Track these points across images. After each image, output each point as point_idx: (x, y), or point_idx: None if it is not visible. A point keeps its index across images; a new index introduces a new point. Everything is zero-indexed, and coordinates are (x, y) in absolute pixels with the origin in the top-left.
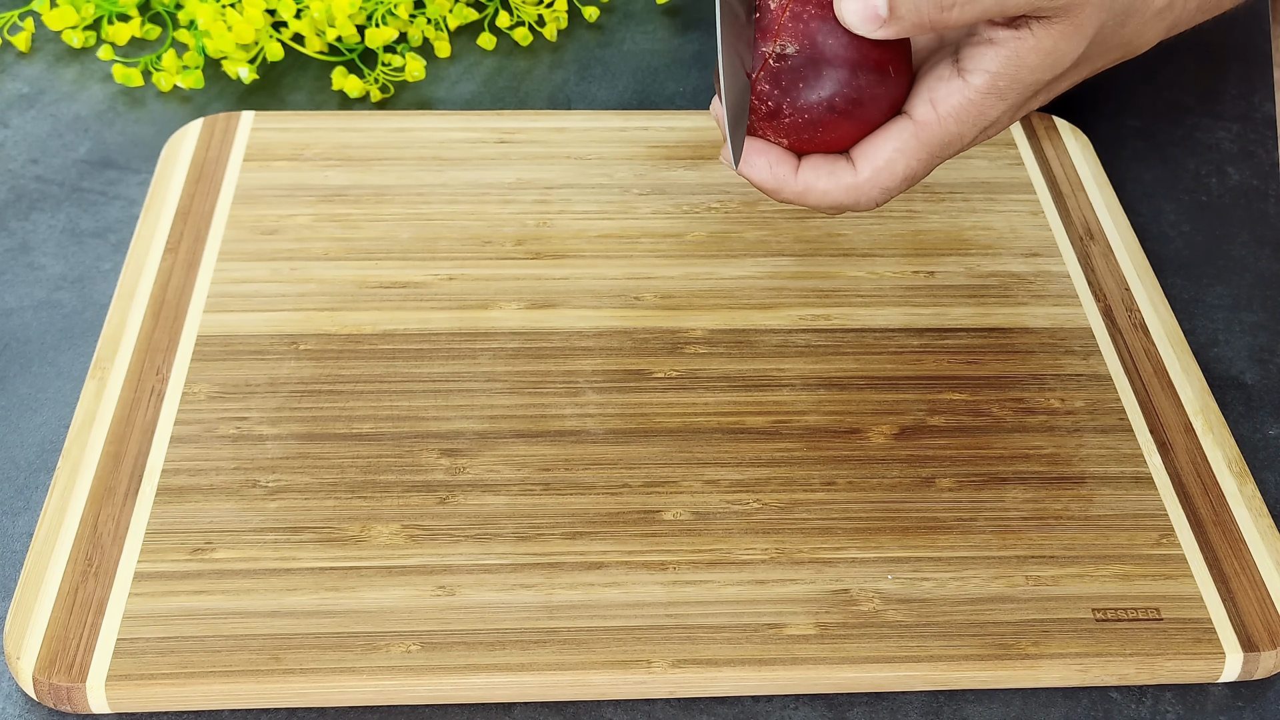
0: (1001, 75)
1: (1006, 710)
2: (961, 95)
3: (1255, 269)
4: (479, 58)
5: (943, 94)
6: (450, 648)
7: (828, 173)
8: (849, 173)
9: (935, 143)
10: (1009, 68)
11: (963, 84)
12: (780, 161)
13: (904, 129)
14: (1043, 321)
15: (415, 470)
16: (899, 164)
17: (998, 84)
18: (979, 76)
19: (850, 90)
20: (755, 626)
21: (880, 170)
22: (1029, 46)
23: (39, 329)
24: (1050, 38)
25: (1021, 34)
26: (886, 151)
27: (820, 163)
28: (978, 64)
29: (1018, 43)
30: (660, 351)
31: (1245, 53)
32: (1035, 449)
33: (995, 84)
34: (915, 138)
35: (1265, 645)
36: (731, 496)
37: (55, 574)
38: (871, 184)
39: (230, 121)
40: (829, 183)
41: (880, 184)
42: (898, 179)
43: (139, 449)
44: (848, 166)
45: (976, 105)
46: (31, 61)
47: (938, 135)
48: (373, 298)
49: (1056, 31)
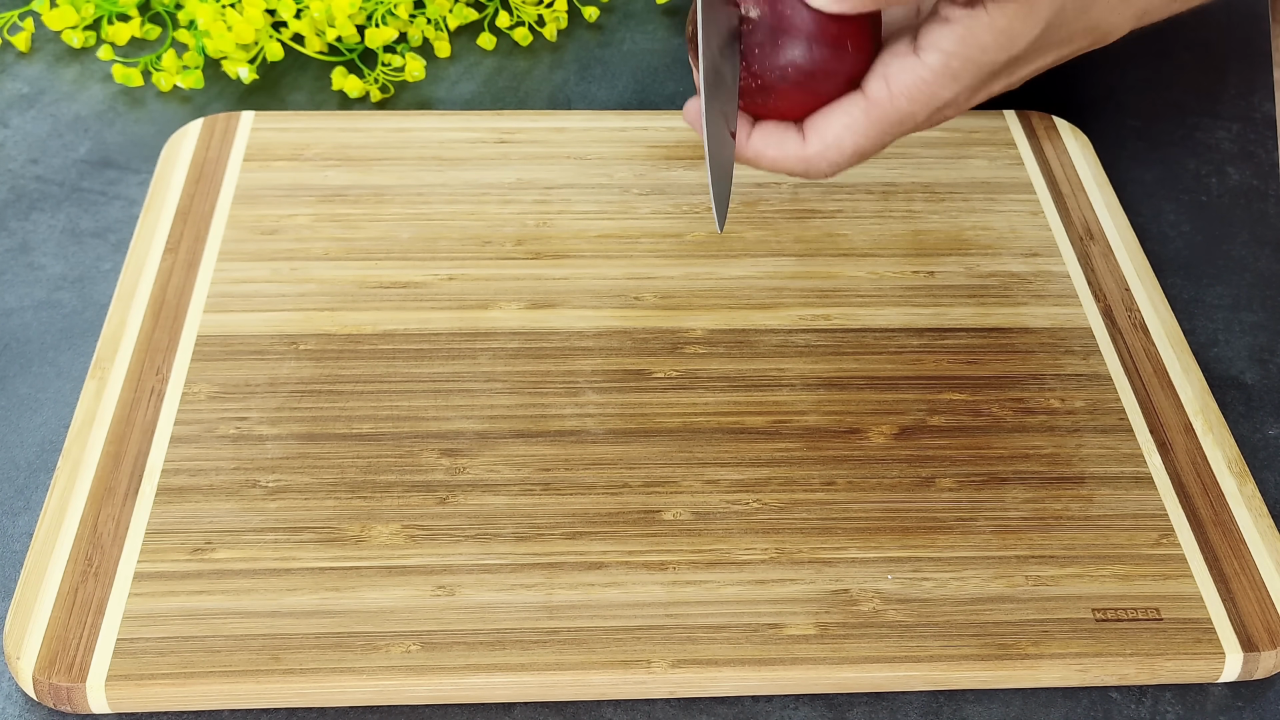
0: (955, 55)
1: (1006, 710)
2: (914, 74)
3: (1255, 269)
4: (479, 58)
5: (896, 71)
6: (450, 648)
7: (777, 142)
8: (798, 144)
9: (886, 121)
10: (963, 47)
11: (917, 62)
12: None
13: (855, 105)
14: (1043, 321)
15: (415, 470)
16: (846, 140)
17: (951, 64)
18: (933, 55)
19: (805, 62)
20: (755, 626)
21: (829, 145)
22: (983, 24)
23: (39, 329)
24: (1004, 17)
25: (976, 12)
26: (835, 127)
27: (771, 131)
28: (933, 42)
29: (972, 20)
30: (660, 351)
31: (1245, 53)
32: (1035, 449)
33: (949, 64)
34: (866, 115)
35: (1265, 645)
36: (731, 496)
37: (55, 574)
38: (819, 158)
39: (230, 121)
40: (778, 151)
41: (828, 158)
42: (845, 154)
43: (139, 449)
44: (797, 138)
45: (930, 85)
46: (31, 61)
47: (889, 113)
48: (373, 298)
49: (1010, 11)
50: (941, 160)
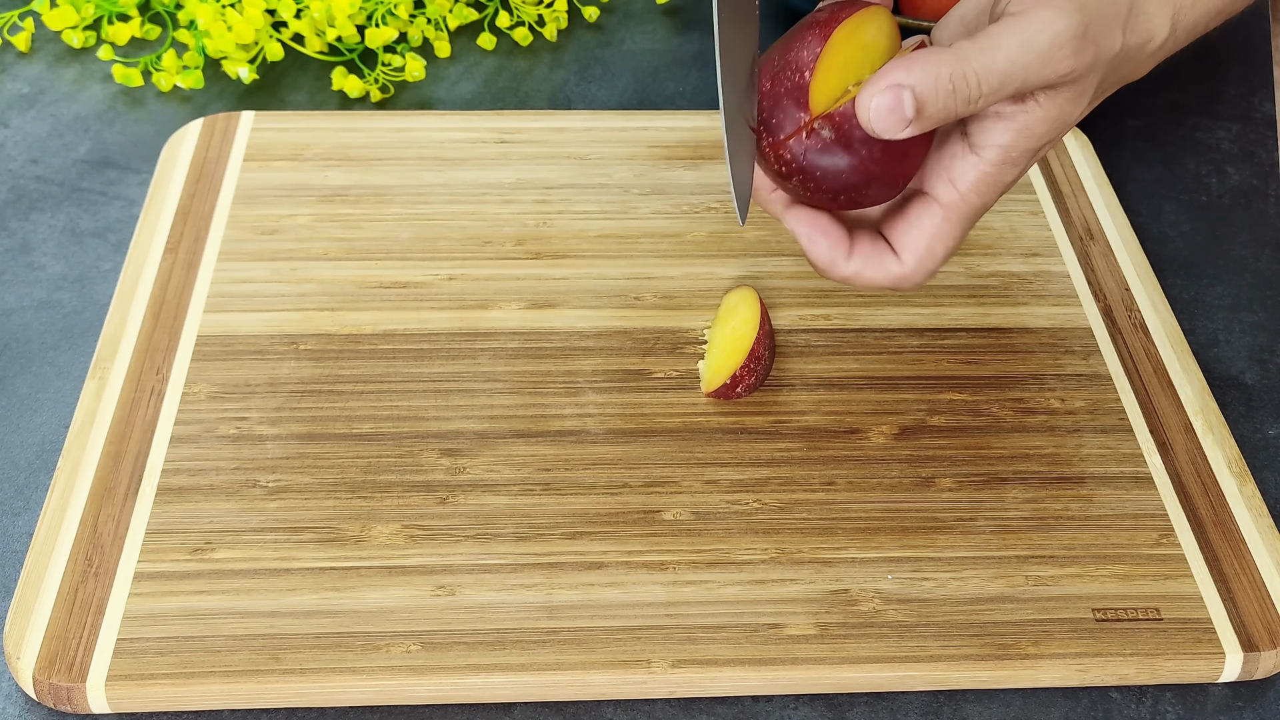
0: (1013, 148)
1: (1006, 710)
2: (978, 170)
3: (1255, 269)
4: (479, 58)
5: (959, 172)
6: (450, 648)
7: (877, 264)
8: (896, 264)
9: (963, 218)
10: (1019, 139)
11: (977, 160)
12: (837, 246)
13: (934, 214)
14: (1043, 321)
15: (415, 470)
16: (937, 248)
17: (1010, 155)
18: (992, 151)
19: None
20: (755, 626)
21: (923, 259)
22: (1037, 118)
23: (39, 329)
24: (1056, 106)
25: (1029, 106)
26: (925, 240)
27: (870, 254)
28: (989, 139)
29: (1026, 115)
30: (660, 351)
31: (1245, 53)
32: (1035, 449)
33: (1008, 155)
34: (946, 220)
35: (1265, 645)
36: (731, 496)
37: (55, 574)
38: (916, 271)
39: (230, 121)
40: (877, 272)
41: (924, 269)
42: (938, 261)
43: (139, 449)
44: (894, 259)
45: (992, 177)
46: (31, 61)
47: (964, 211)
48: (373, 298)
49: (1062, 99)
50: None
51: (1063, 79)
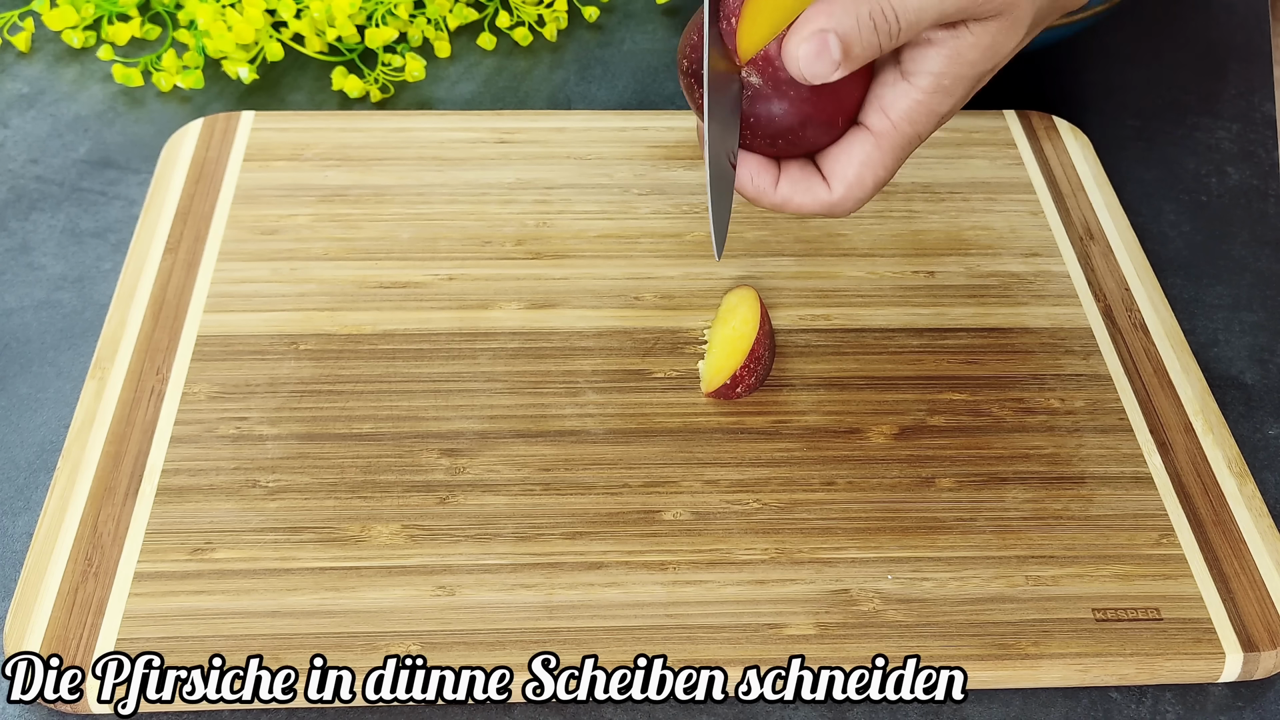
0: (945, 74)
1: (1006, 710)
2: (910, 98)
3: (1255, 269)
4: (479, 58)
5: (891, 100)
6: (450, 648)
7: (804, 189)
8: (825, 191)
9: (895, 147)
10: (951, 66)
11: (909, 87)
12: (760, 173)
13: (865, 142)
14: (1043, 321)
15: (415, 470)
16: (867, 176)
17: (942, 82)
18: (924, 79)
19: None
20: (755, 626)
21: (851, 185)
22: (968, 44)
23: (39, 329)
24: (988, 34)
25: (959, 33)
26: (854, 167)
27: (798, 178)
28: (921, 66)
29: (956, 41)
30: (660, 351)
31: (1245, 53)
32: (1035, 449)
33: (940, 83)
34: (877, 148)
35: (1265, 645)
36: (731, 496)
37: (55, 574)
38: (845, 199)
39: (230, 121)
40: (805, 198)
41: (853, 197)
42: (868, 189)
43: (139, 449)
44: (822, 185)
45: (925, 105)
46: (31, 61)
47: (896, 140)
48: (373, 298)
49: (994, 28)
50: (941, 160)
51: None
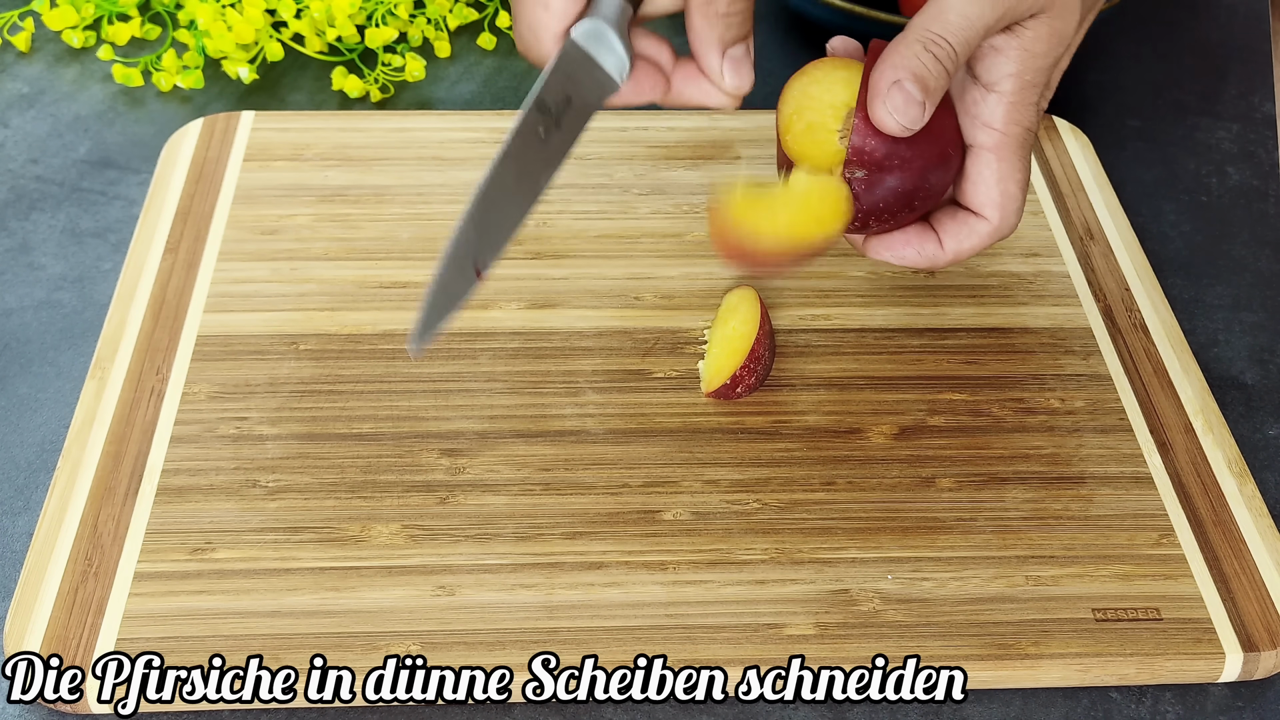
0: (1023, 71)
1: (1006, 710)
2: (1003, 104)
3: (1255, 269)
4: (479, 58)
5: (988, 113)
6: (450, 648)
7: (969, 232)
8: (984, 224)
9: (1014, 148)
10: (1024, 63)
11: (998, 96)
12: (924, 244)
13: (988, 161)
14: (1043, 321)
15: (415, 470)
16: (1011, 187)
17: (1024, 79)
18: (1006, 83)
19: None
20: (755, 626)
21: (1002, 204)
22: (1030, 38)
23: (39, 329)
24: (1044, 25)
25: (1018, 32)
26: (993, 187)
27: (957, 229)
28: (998, 73)
29: (1019, 40)
30: (660, 351)
31: (1245, 53)
32: (1035, 449)
33: (1022, 80)
34: (1001, 160)
35: (1265, 645)
36: (731, 496)
37: (55, 574)
38: (1004, 217)
39: (230, 121)
40: (973, 240)
41: (1009, 211)
42: (1017, 198)
43: (139, 449)
44: (980, 219)
45: (1018, 104)
46: (31, 61)
47: (1010, 143)
48: (373, 298)
49: (1048, 18)
50: None
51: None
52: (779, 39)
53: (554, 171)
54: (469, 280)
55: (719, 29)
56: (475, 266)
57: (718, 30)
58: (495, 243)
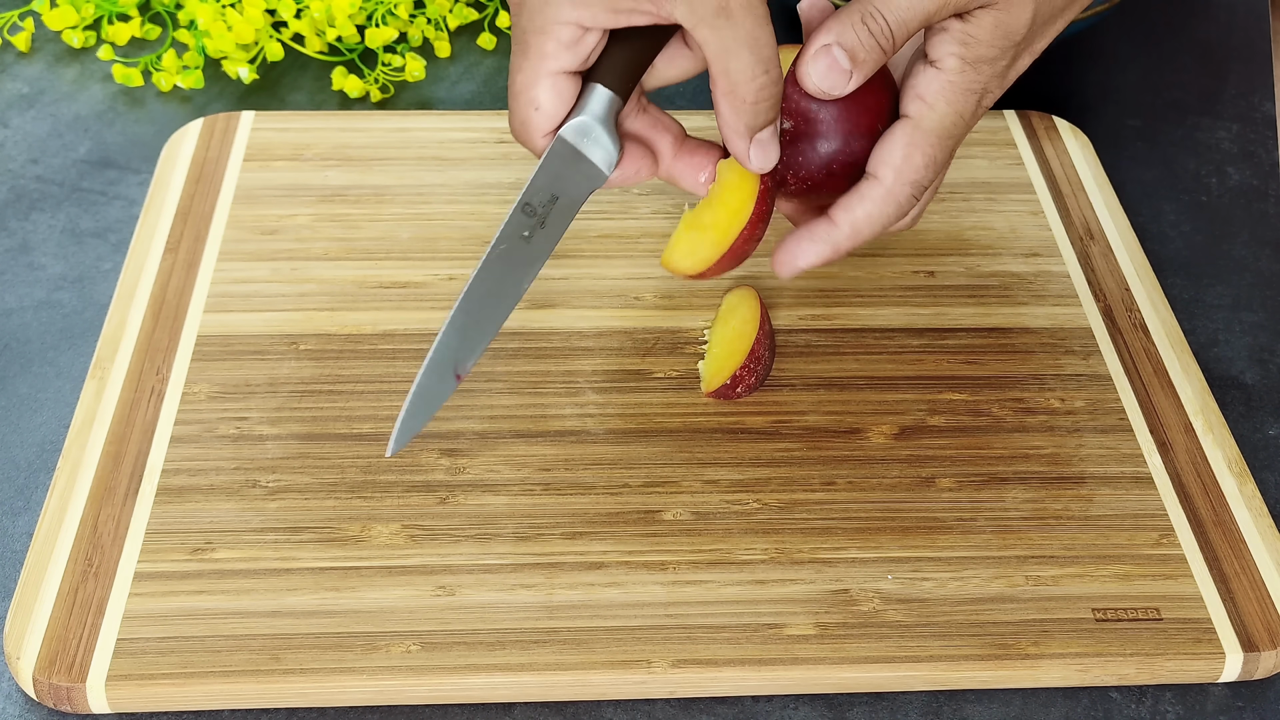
0: (966, 54)
1: (1006, 710)
2: (941, 80)
3: (1255, 269)
4: (479, 58)
5: (923, 86)
6: (450, 648)
7: (856, 199)
8: (873, 184)
9: (939, 128)
10: (968, 46)
11: (937, 71)
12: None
13: (905, 126)
14: (1043, 321)
15: (415, 470)
16: (915, 156)
17: (966, 60)
18: (948, 60)
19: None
20: (755, 626)
21: (900, 168)
22: (974, 26)
23: (39, 329)
24: (990, 17)
25: (965, 19)
26: (899, 149)
27: (846, 198)
28: (943, 50)
29: (964, 25)
30: (660, 351)
31: (1245, 53)
32: (1035, 449)
33: (963, 61)
34: (918, 129)
35: (1265, 645)
36: (731, 496)
37: (55, 574)
38: (899, 183)
39: (230, 121)
40: (863, 206)
41: (906, 179)
42: (919, 169)
43: (139, 449)
44: (870, 180)
45: (958, 84)
46: (31, 61)
47: (937, 121)
48: (373, 298)
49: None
50: None
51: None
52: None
53: (536, 270)
54: (449, 384)
55: (746, 117)
56: (455, 371)
57: (745, 119)
58: (476, 346)
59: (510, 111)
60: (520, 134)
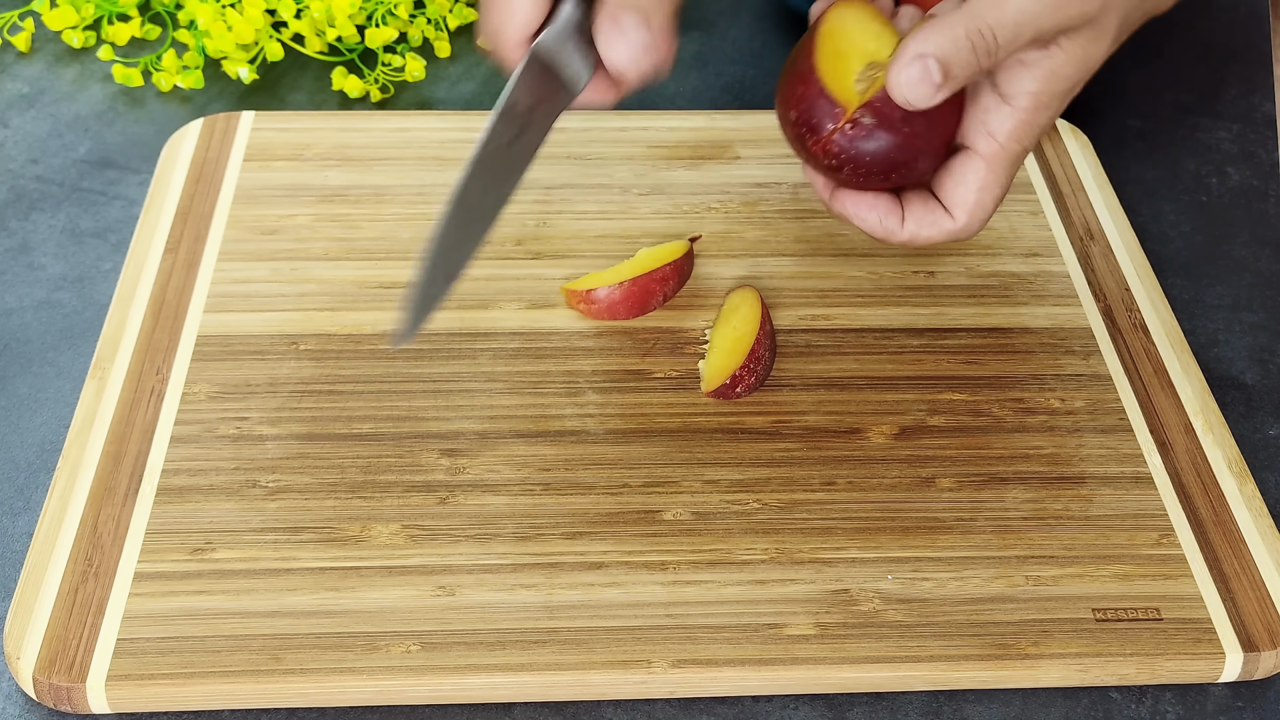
0: (1043, 92)
1: (1006, 710)
2: (1013, 119)
3: (1255, 269)
4: (479, 58)
5: (996, 124)
6: (450, 648)
7: (931, 223)
8: (949, 220)
9: (1005, 165)
10: (1047, 84)
11: (1011, 110)
12: (888, 215)
13: (978, 167)
14: (1043, 321)
15: (415, 470)
16: (986, 199)
17: (1041, 100)
18: (1023, 99)
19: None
20: (755, 626)
21: (973, 210)
22: (1061, 61)
23: (39, 329)
24: (1078, 47)
25: (1051, 51)
26: (973, 192)
27: (923, 214)
28: (1018, 87)
29: (1050, 60)
30: (660, 351)
31: (1245, 53)
32: (1035, 449)
33: (1039, 100)
34: (990, 170)
35: (1265, 645)
36: (731, 496)
37: (55, 574)
38: (970, 223)
39: (230, 121)
40: (932, 230)
41: (977, 219)
42: (987, 210)
43: (139, 449)
44: (945, 215)
45: (1027, 123)
46: (31, 61)
47: (1004, 159)
48: (373, 298)
49: (1083, 40)
50: None
51: (1078, 20)
52: (779, 39)
53: (521, 175)
54: (446, 281)
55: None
56: (451, 268)
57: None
58: (468, 246)
59: (482, 21)
60: (494, 41)
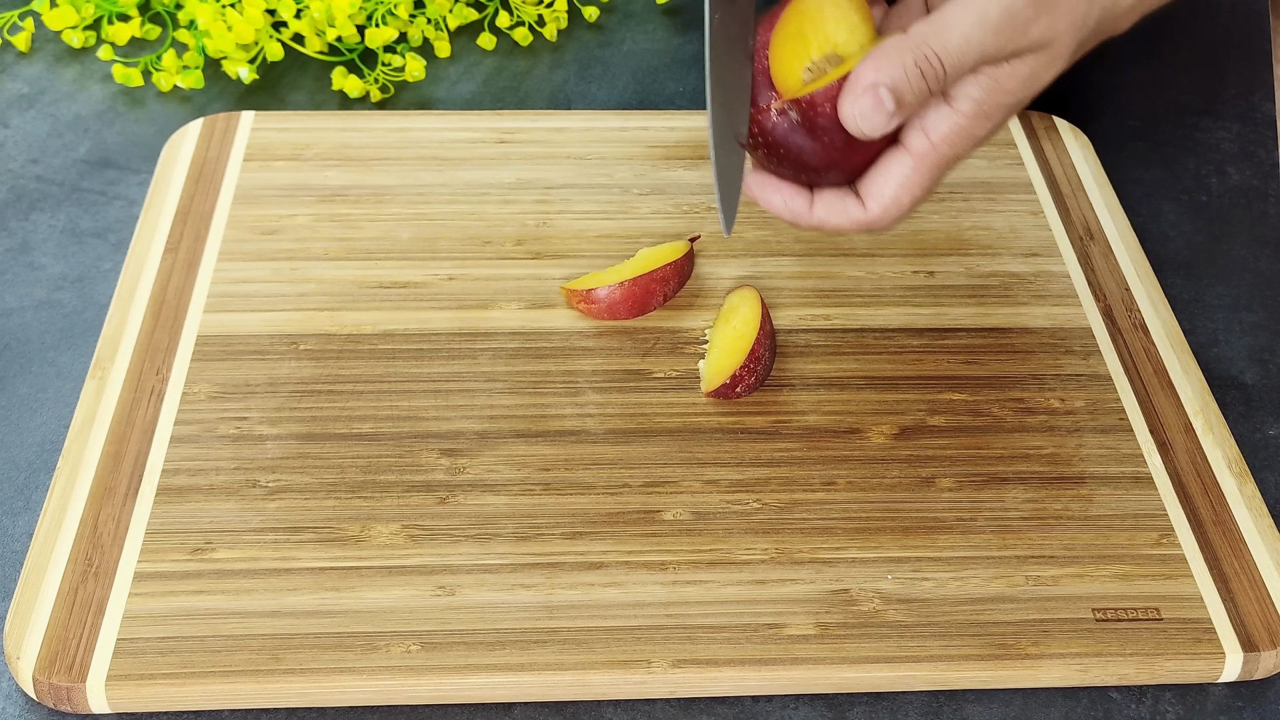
0: (985, 101)
1: (1006, 710)
2: (951, 122)
3: (1255, 269)
4: (479, 58)
5: (933, 122)
6: (450, 648)
7: (840, 210)
8: (859, 209)
9: (933, 167)
10: (992, 94)
11: (951, 111)
12: (794, 197)
13: (904, 163)
14: (1043, 321)
15: (415, 470)
16: (904, 196)
17: (983, 108)
18: (965, 103)
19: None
20: (755, 626)
21: (888, 205)
22: (1007, 73)
23: (39, 329)
24: (1027, 66)
25: (1000, 65)
26: (891, 187)
27: (833, 200)
28: (963, 91)
29: (997, 71)
30: (660, 351)
31: (1245, 53)
32: (1035, 449)
33: (980, 108)
34: (915, 169)
35: (1265, 645)
36: (731, 496)
37: (55, 574)
38: (882, 217)
39: (230, 121)
40: (841, 219)
41: (890, 216)
42: (903, 208)
43: (139, 449)
44: (857, 204)
45: (966, 129)
46: (31, 61)
47: (934, 161)
48: (373, 298)
49: (1033, 62)
50: None
51: (1027, 48)
52: None
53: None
54: (740, 153)
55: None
56: (735, 138)
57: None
58: (740, 107)
59: None
60: None
